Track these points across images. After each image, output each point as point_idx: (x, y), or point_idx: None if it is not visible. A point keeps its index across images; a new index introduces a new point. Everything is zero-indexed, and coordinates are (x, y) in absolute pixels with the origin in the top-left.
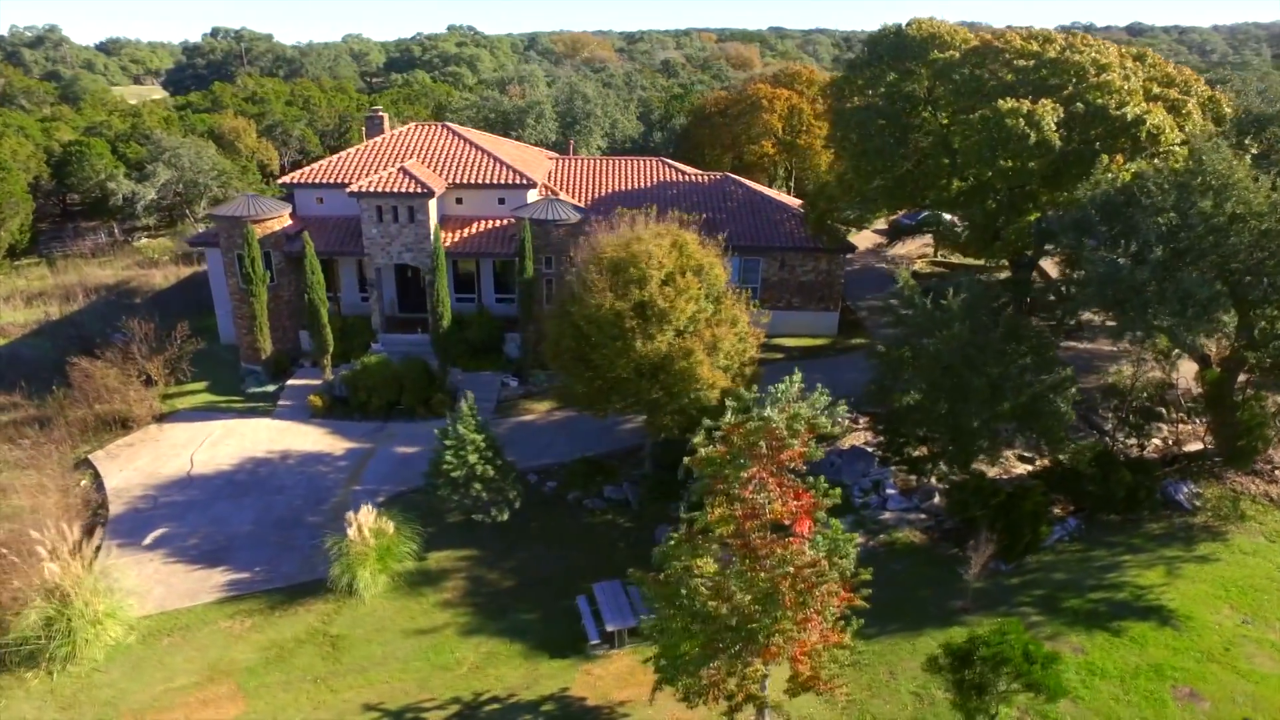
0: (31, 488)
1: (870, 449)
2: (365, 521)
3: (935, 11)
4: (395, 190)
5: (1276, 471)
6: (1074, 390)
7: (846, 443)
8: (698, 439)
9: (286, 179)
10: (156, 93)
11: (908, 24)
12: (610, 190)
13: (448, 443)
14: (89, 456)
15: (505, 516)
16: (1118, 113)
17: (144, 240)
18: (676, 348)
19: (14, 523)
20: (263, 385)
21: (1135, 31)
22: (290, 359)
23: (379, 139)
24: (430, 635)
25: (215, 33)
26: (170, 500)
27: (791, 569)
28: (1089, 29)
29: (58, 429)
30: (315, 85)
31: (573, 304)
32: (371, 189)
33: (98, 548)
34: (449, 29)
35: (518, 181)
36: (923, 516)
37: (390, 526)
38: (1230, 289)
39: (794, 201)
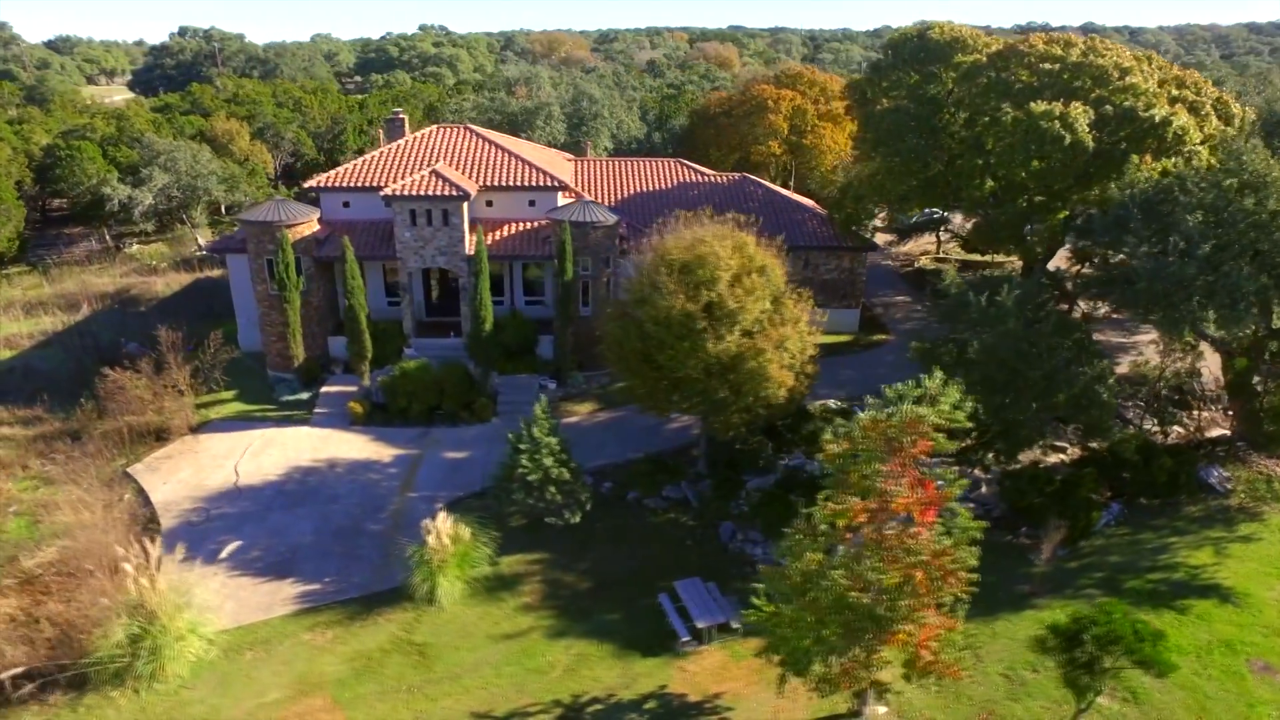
0: (73, 503)
1: None
2: (444, 528)
3: (890, 11)
4: (429, 193)
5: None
6: (1113, 380)
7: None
8: (826, 435)
9: (314, 182)
10: (119, 93)
11: (930, 28)
12: (633, 191)
13: (522, 446)
14: (128, 470)
15: (577, 518)
16: (1146, 114)
17: (136, 246)
18: (747, 347)
19: (67, 539)
20: (296, 393)
21: (1088, 31)
22: (321, 366)
23: (402, 142)
24: (517, 640)
25: (183, 32)
26: (222, 513)
27: (926, 558)
28: (1045, 28)
29: (91, 442)
30: (297, 86)
31: (636, 306)
32: (405, 192)
33: (159, 563)
34: (420, 29)
35: (548, 184)
36: (970, 505)
37: (466, 533)
38: (1274, 282)
39: (807, 201)
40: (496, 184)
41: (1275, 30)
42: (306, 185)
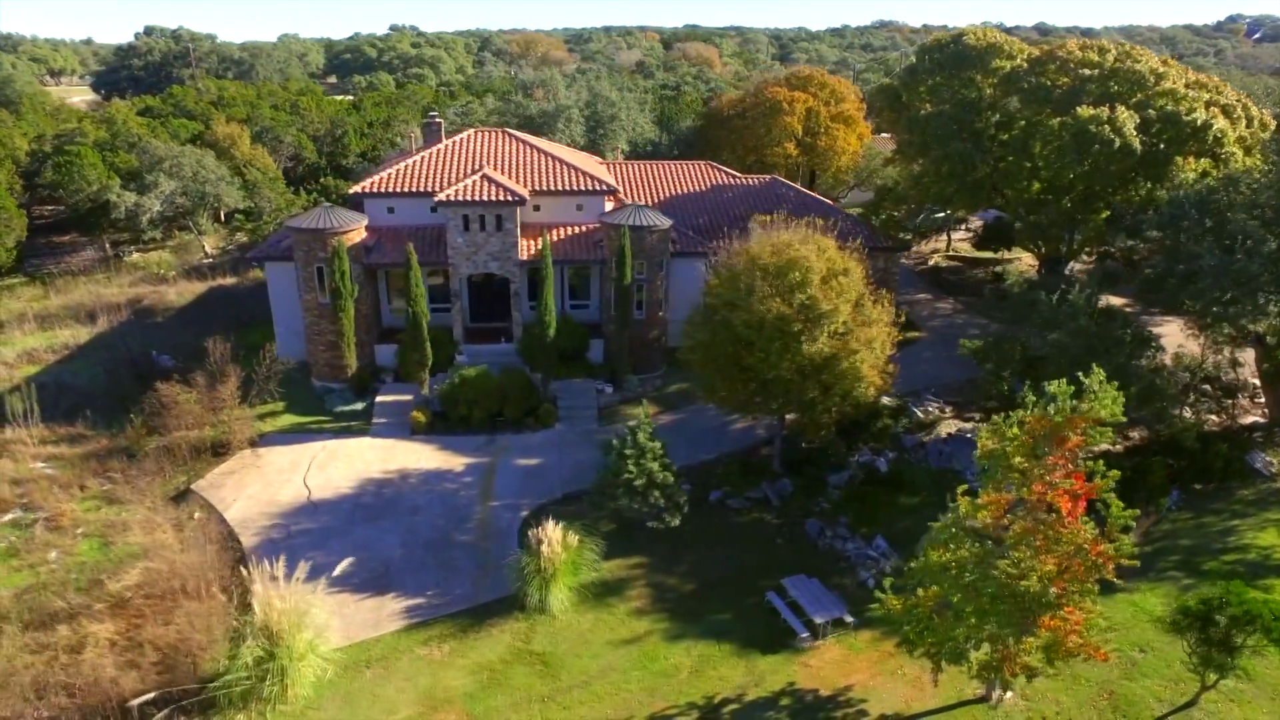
0: (143, 523)
1: (970, 435)
2: (555, 536)
3: (848, 11)
4: (483, 199)
5: None
6: (1167, 372)
7: (941, 431)
8: (984, 432)
9: (358, 188)
10: (77, 93)
11: (964, 34)
12: (669, 194)
13: (628, 451)
14: (192, 487)
15: (676, 521)
16: (1188, 118)
17: (136, 255)
18: (839, 348)
19: (146, 560)
20: (350, 403)
21: (1043, 31)
22: (371, 374)
23: (442, 146)
24: (637, 644)
25: (150, 31)
26: (303, 529)
27: (1085, 545)
28: (1000, 28)
29: (147, 460)
30: (283, 88)
31: (727, 309)
32: (458, 198)
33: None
34: (392, 29)
35: (597, 188)
36: None
37: (574, 540)
38: None
39: (827, 202)
40: (544, 188)
41: (1213, 33)
42: (350, 191)
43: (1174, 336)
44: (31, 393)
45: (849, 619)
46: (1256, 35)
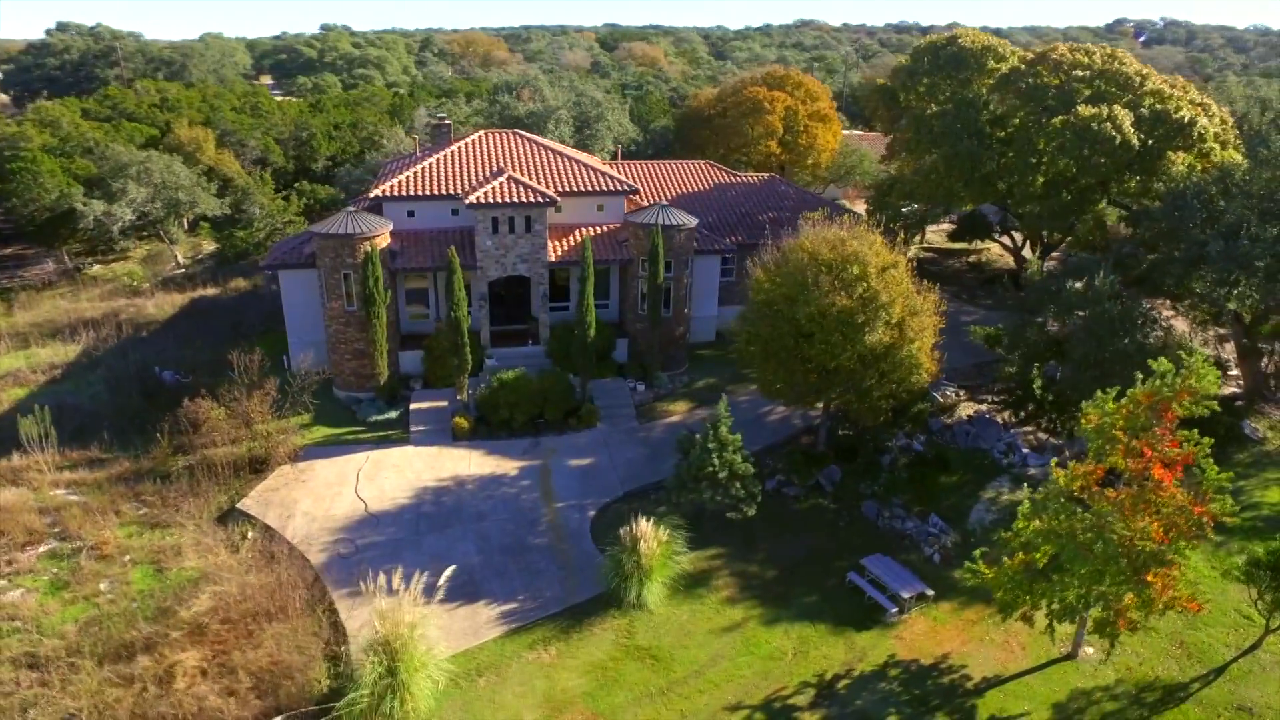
0: (196, 546)
1: (987, 416)
2: (647, 534)
3: (770, 11)
4: (513, 200)
5: None
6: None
7: (961, 413)
8: (1092, 408)
9: (377, 191)
10: None
11: (958, 36)
12: (675, 193)
13: (710, 445)
14: (237, 506)
15: (753, 511)
16: (1177, 116)
17: (97, 268)
18: (896, 337)
19: (211, 584)
20: (383, 412)
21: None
22: (400, 382)
23: (456, 148)
24: (736, 632)
25: (64, 28)
26: (370, 542)
27: (1191, 507)
28: (916, 28)
29: (180, 480)
30: (228, 90)
31: (783, 303)
32: (488, 200)
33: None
34: (323, 29)
35: (618, 188)
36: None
37: (664, 536)
38: None
39: (825, 199)
40: (567, 189)
41: (1106, 32)
42: (370, 194)
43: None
44: (46, 416)
45: (929, 592)
46: (1142, 38)
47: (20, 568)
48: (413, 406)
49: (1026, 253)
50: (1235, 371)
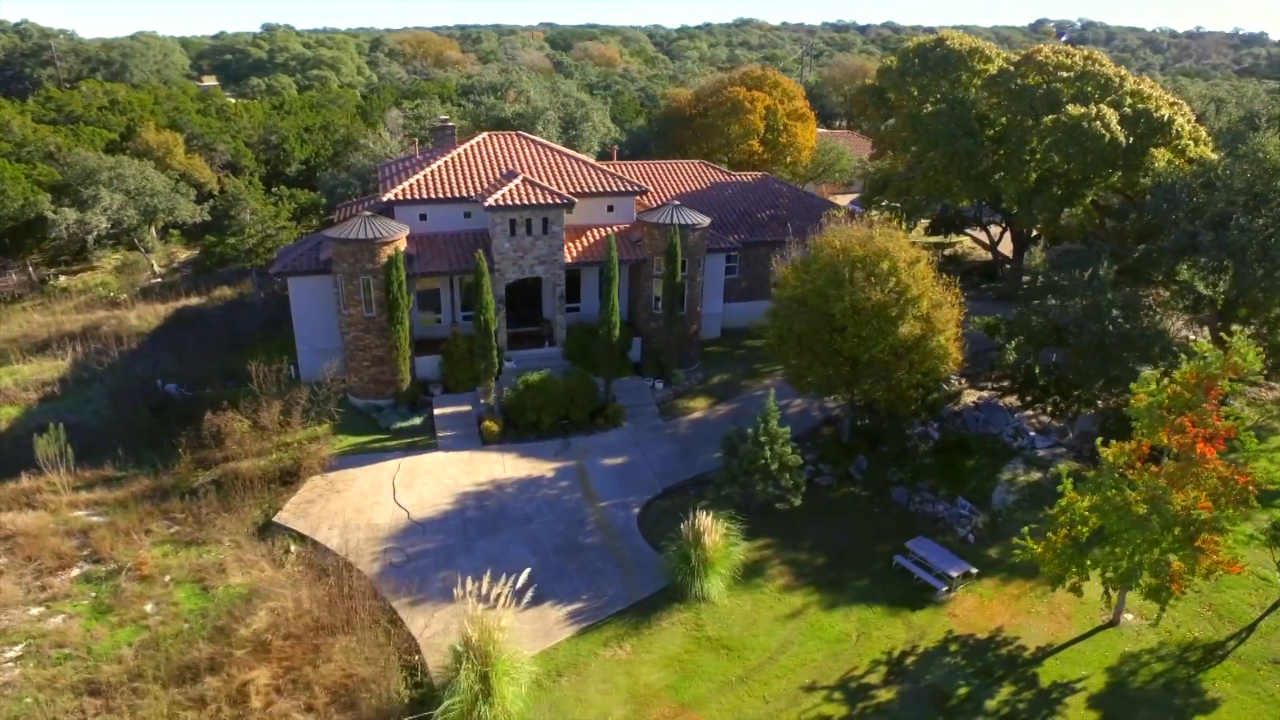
0: (237, 563)
1: (994, 402)
2: (709, 528)
3: (710, 10)
4: (530, 202)
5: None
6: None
7: (965, 400)
8: (1140, 388)
9: (389, 195)
10: None
11: (945, 39)
12: (675, 192)
13: (762, 439)
14: (274, 520)
15: (799, 501)
16: (1157, 114)
17: (63, 279)
18: (926, 328)
19: (266, 600)
20: (406, 419)
21: (894, 29)
22: (420, 388)
23: (463, 150)
24: (799, 618)
25: None
26: (420, 550)
27: (1234, 477)
28: (853, 27)
29: (208, 496)
30: (183, 93)
31: (816, 299)
32: (505, 202)
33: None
34: (265, 28)
35: (627, 189)
36: (1062, 450)
37: (723, 529)
38: None
39: (818, 196)
40: (578, 190)
41: (1031, 31)
42: (384, 198)
43: None
44: (61, 434)
45: (974, 570)
46: (1064, 38)
47: (56, 593)
48: (436, 412)
49: (1005, 246)
50: None
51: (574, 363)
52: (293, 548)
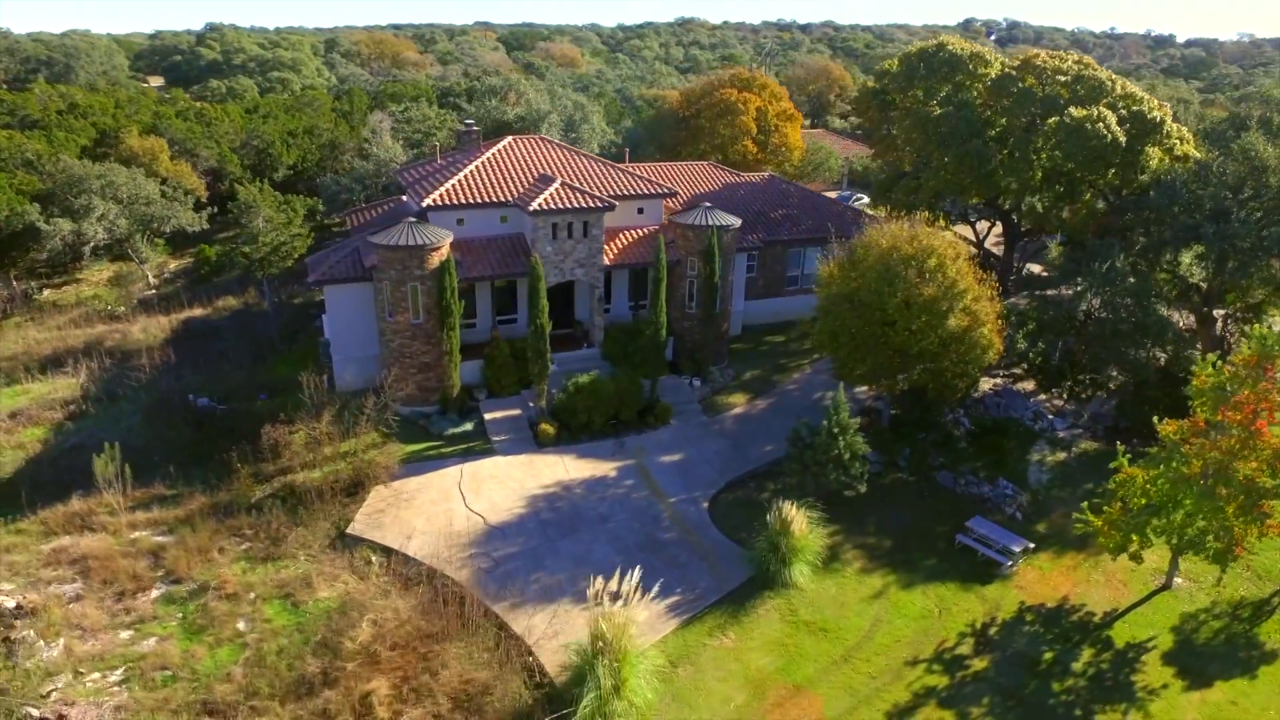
0: (323, 576)
1: (1012, 388)
2: (796, 518)
3: (651, 9)
4: (573, 205)
5: None
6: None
7: (982, 387)
8: (1201, 370)
9: (430, 200)
10: None
11: (945, 44)
12: (689, 193)
13: (835, 430)
14: (347, 531)
15: (864, 488)
16: (1150, 116)
17: (48, 293)
18: (972, 321)
19: (363, 613)
20: (458, 425)
21: (836, 28)
22: (466, 393)
23: (490, 155)
24: (882, 598)
25: None
26: (506, 554)
27: None
28: (794, 25)
29: (271, 510)
30: (143, 95)
31: (868, 295)
32: (549, 206)
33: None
34: (207, 27)
35: (658, 191)
36: (1079, 431)
37: (805, 518)
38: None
39: (823, 195)
40: (610, 193)
41: (963, 30)
42: (423, 204)
43: None
44: (116, 454)
45: (1031, 545)
46: (992, 36)
47: (142, 615)
48: (486, 416)
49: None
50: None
51: (613, 363)
52: (372, 559)
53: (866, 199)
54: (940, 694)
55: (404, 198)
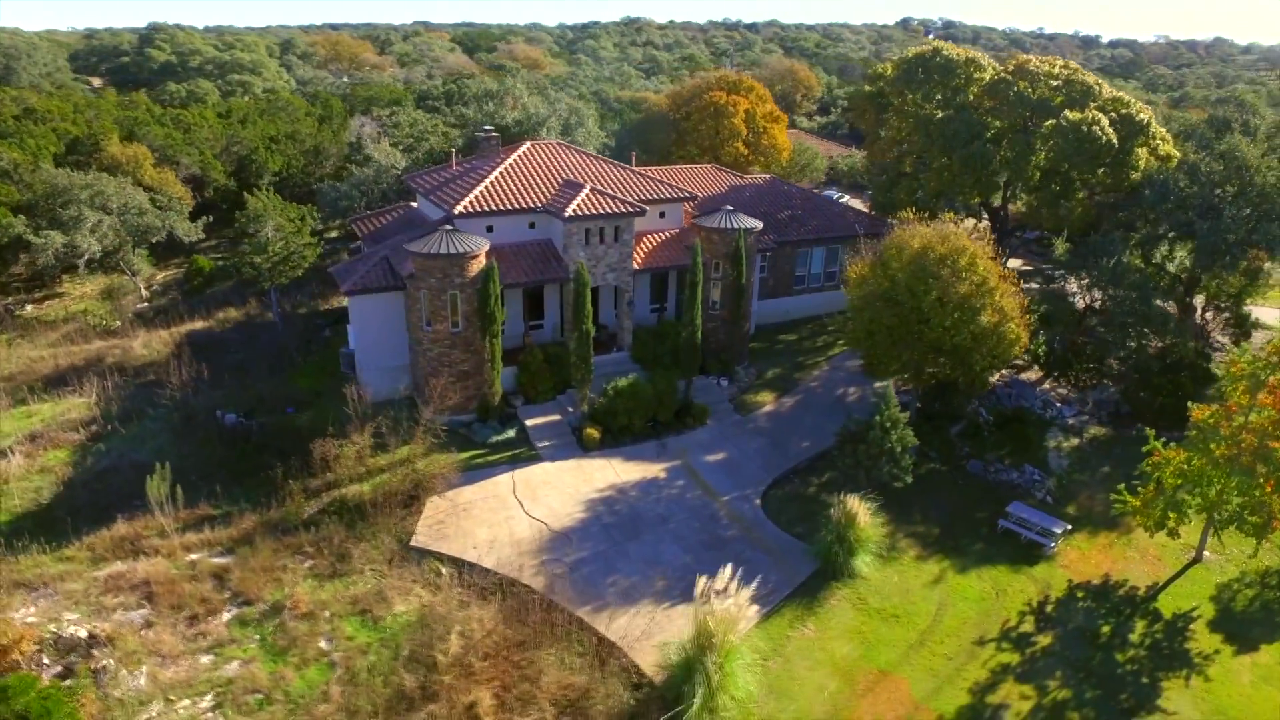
0: (397, 590)
1: (1019, 379)
2: (861, 511)
3: (597, 8)
4: (605, 211)
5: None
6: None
7: (992, 379)
8: (1236, 357)
9: (460, 207)
10: None
11: (941, 49)
12: (698, 196)
13: (887, 424)
14: (412, 544)
15: (910, 479)
16: (1138, 118)
17: (30, 308)
18: (1001, 317)
19: (449, 626)
20: (500, 432)
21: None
22: (503, 400)
23: (512, 160)
24: (941, 583)
25: None
26: (576, 559)
27: None
28: (750, 27)
29: (329, 526)
30: (104, 99)
31: (904, 294)
32: (581, 212)
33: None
34: (150, 26)
35: (679, 195)
36: (1086, 418)
37: (867, 511)
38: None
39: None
40: (635, 197)
41: (902, 29)
42: (455, 211)
43: None
44: (167, 473)
45: (1069, 526)
46: (930, 36)
47: (218, 639)
48: (527, 423)
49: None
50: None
51: (643, 365)
52: (442, 570)
53: (847, 198)
54: (1015, 670)
55: (413, 203)
